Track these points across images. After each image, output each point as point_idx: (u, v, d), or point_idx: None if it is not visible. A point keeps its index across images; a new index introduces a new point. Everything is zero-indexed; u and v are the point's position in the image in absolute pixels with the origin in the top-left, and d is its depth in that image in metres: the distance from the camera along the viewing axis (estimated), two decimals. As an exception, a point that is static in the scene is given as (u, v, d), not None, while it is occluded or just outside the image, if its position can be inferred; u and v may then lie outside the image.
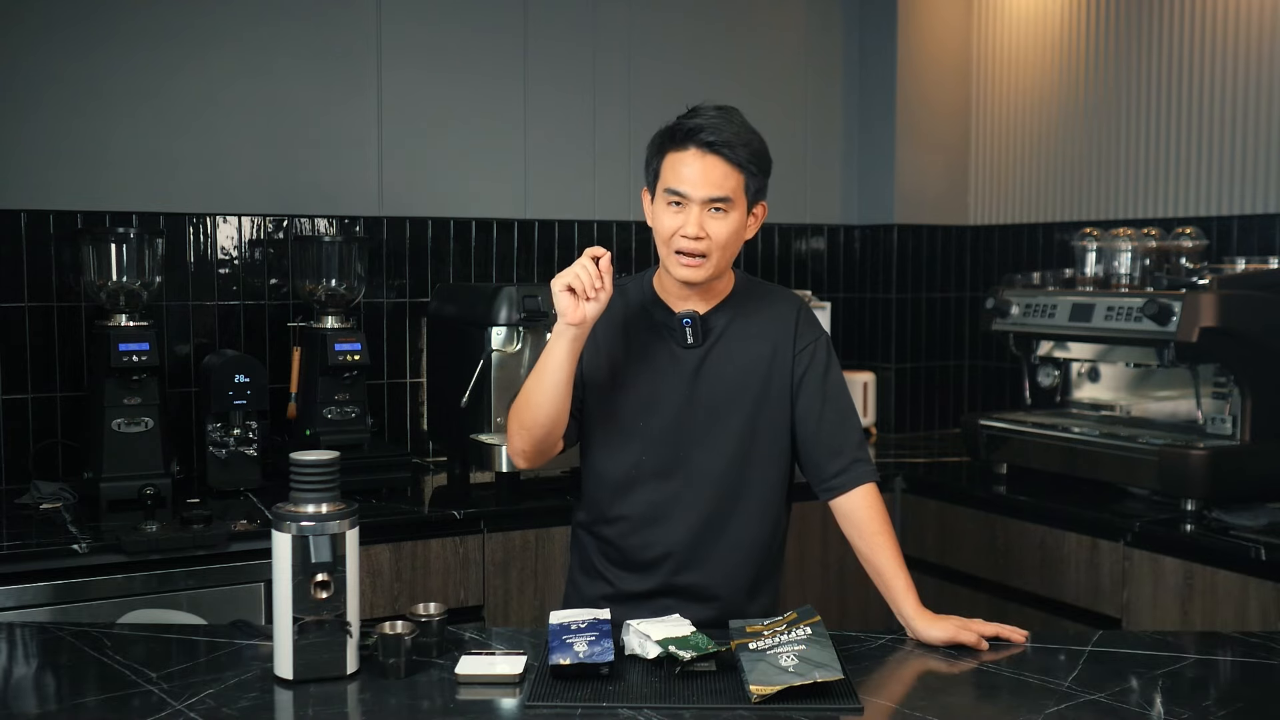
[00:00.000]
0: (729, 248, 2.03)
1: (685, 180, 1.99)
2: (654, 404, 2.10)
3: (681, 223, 2.00)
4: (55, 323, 3.14)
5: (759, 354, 2.12)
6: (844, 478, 2.12)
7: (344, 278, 3.22)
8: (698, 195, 1.98)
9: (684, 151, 2.00)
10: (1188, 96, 3.58)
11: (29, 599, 2.46)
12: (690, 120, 2.01)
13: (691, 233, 1.99)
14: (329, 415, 3.11)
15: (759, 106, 4.14)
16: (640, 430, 2.10)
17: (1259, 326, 2.86)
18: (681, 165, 2.00)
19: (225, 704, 1.66)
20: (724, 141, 1.98)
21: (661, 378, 2.10)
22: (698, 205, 1.99)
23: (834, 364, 2.17)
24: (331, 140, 3.47)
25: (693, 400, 2.09)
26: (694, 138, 1.98)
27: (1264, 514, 2.81)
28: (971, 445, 3.46)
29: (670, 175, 2.02)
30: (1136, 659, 1.90)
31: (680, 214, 2.01)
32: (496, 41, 3.69)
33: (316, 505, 1.75)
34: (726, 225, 2.00)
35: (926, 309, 4.26)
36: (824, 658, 1.73)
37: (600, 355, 2.11)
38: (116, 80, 3.21)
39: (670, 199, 2.01)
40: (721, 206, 2.00)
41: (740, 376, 2.10)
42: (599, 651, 1.76)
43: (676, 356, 2.10)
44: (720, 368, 2.10)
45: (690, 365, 2.09)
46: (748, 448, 2.11)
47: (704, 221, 1.99)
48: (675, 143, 2.02)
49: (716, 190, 1.98)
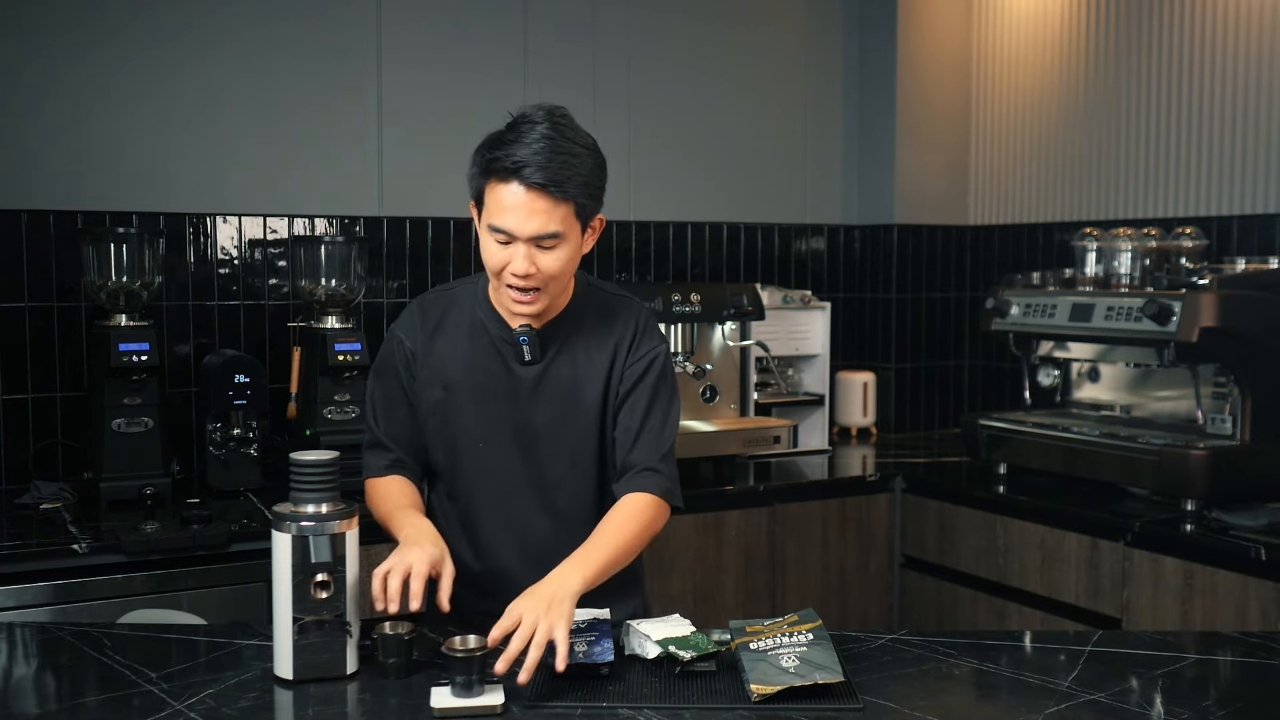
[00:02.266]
0: (563, 276, 1.93)
1: (509, 219, 1.85)
2: (493, 424, 2.02)
3: (509, 258, 1.87)
4: (55, 323, 3.14)
5: (599, 367, 2.02)
6: (630, 483, 2.00)
7: (344, 278, 3.22)
8: (523, 234, 1.85)
9: (505, 185, 1.84)
10: (1188, 96, 3.58)
11: (29, 599, 2.46)
12: (512, 153, 1.83)
13: (520, 270, 1.87)
14: (329, 415, 3.11)
15: (759, 106, 4.18)
16: (480, 453, 2.03)
17: (1259, 326, 2.86)
18: (505, 200, 1.84)
19: (225, 704, 1.66)
20: (550, 180, 1.82)
21: (499, 396, 2.01)
22: (524, 243, 1.86)
23: (665, 379, 2.05)
24: (331, 140, 3.47)
25: (532, 418, 2.01)
26: (517, 174, 1.83)
27: (1264, 514, 2.81)
28: (971, 445, 3.46)
29: (494, 209, 1.86)
30: (1136, 659, 1.90)
31: (507, 250, 1.87)
32: (496, 41, 3.69)
33: (316, 505, 1.75)
34: (558, 258, 1.88)
35: (926, 309, 4.26)
36: (825, 659, 1.73)
37: (434, 373, 2.04)
38: (117, 80, 3.21)
39: (496, 236, 1.87)
40: (550, 243, 1.87)
41: (580, 392, 2.02)
42: (599, 651, 1.76)
43: (514, 374, 2.01)
44: (559, 384, 2.01)
45: (529, 383, 2.01)
46: (595, 464, 2.04)
47: (533, 257, 1.87)
48: (494, 175, 1.85)
49: (543, 229, 1.85)
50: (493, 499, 2.04)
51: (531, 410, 2.01)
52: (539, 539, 2.04)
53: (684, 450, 3.36)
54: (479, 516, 2.06)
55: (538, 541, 2.04)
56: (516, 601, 1.75)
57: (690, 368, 3.51)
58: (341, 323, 3.18)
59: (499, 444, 2.02)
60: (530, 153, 1.82)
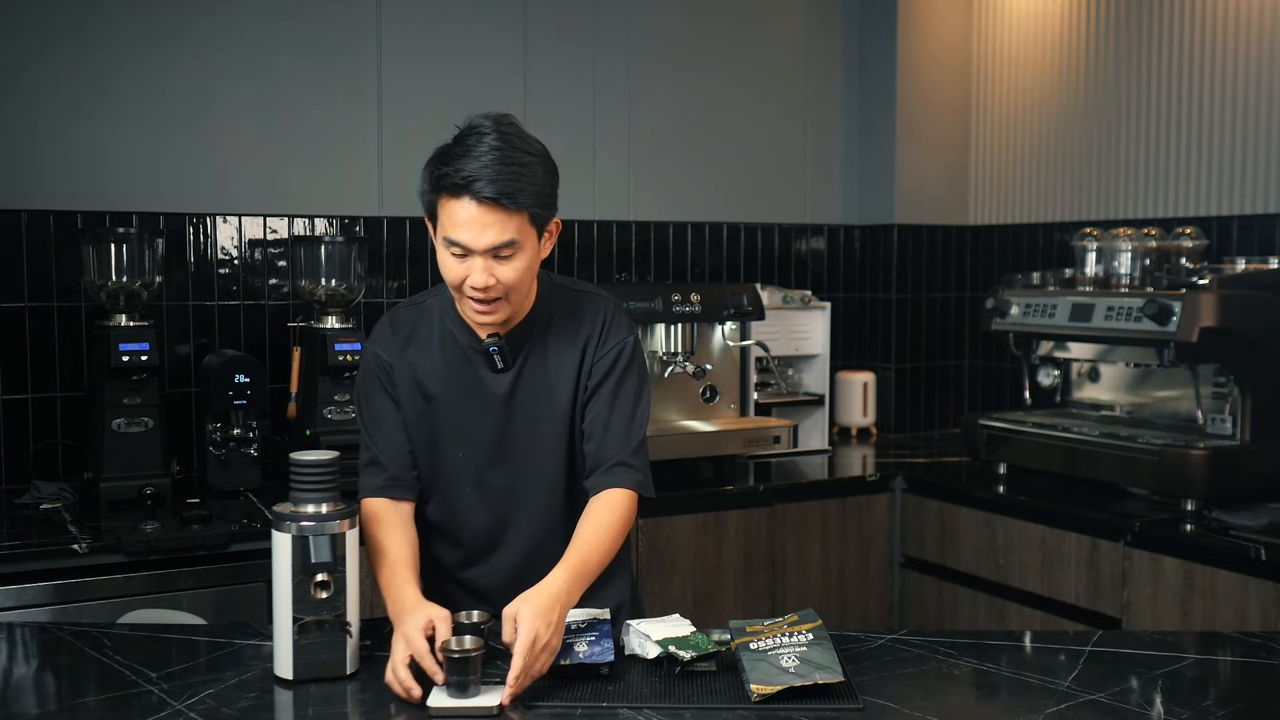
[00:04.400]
0: (522, 284, 1.92)
1: (463, 234, 1.84)
2: (468, 433, 2.02)
3: (466, 271, 1.87)
4: (55, 323, 3.14)
5: (570, 365, 2.02)
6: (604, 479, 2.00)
7: (344, 278, 3.22)
8: (479, 247, 1.84)
9: (456, 201, 1.83)
10: (1188, 96, 3.58)
11: (29, 599, 2.46)
12: (461, 167, 1.82)
13: (478, 283, 1.86)
14: (329, 415, 3.11)
15: (759, 106, 4.18)
16: (460, 462, 2.03)
17: (1259, 326, 2.86)
18: (457, 215, 1.84)
19: (225, 704, 1.66)
20: (501, 192, 1.82)
21: (473, 406, 2.01)
22: (481, 255, 1.85)
23: (633, 369, 2.05)
24: (331, 140, 3.47)
25: (509, 425, 2.01)
26: (468, 189, 1.82)
27: (1264, 514, 2.81)
28: (971, 445, 3.46)
29: (447, 224, 1.85)
30: (1136, 659, 1.90)
31: (464, 263, 1.87)
32: (496, 41, 3.69)
33: (316, 505, 1.75)
34: (516, 267, 1.88)
35: (926, 309, 4.26)
36: (826, 660, 1.73)
37: (409, 386, 2.03)
38: (117, 80, 3.21)
39: (452, 249, 1.86)
40: (507, 253, 1.86)
41: (553, 393, 2.02)
42: (599, 651, 1.76)
43: (486, 382, 2.01)
44: (532, 387, 2.01)
45: (502, 390, 2.00)
46: (568, 465, 2.05)
47: (491, 269, 1.86)
48: (445, 190, 1.84)
49: (498, 239, 1.84)
50: (473, 504, 2.05)
51: (507, 416, 2.02)
52: (520, 541, 2.05)
53: (684, 450, 3.38)
54: (461, 521, 2.07)
55: (519, 543, 2.05)
56: (519, 610, 1.73)
57: (690, 368, 3.51)
58: (341, 323, 3.18)
59: (476, 451, 2.03)
60: (479, 166, 1.82)
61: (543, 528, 2.05)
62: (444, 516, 2.08)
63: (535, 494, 2.04)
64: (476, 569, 2.08)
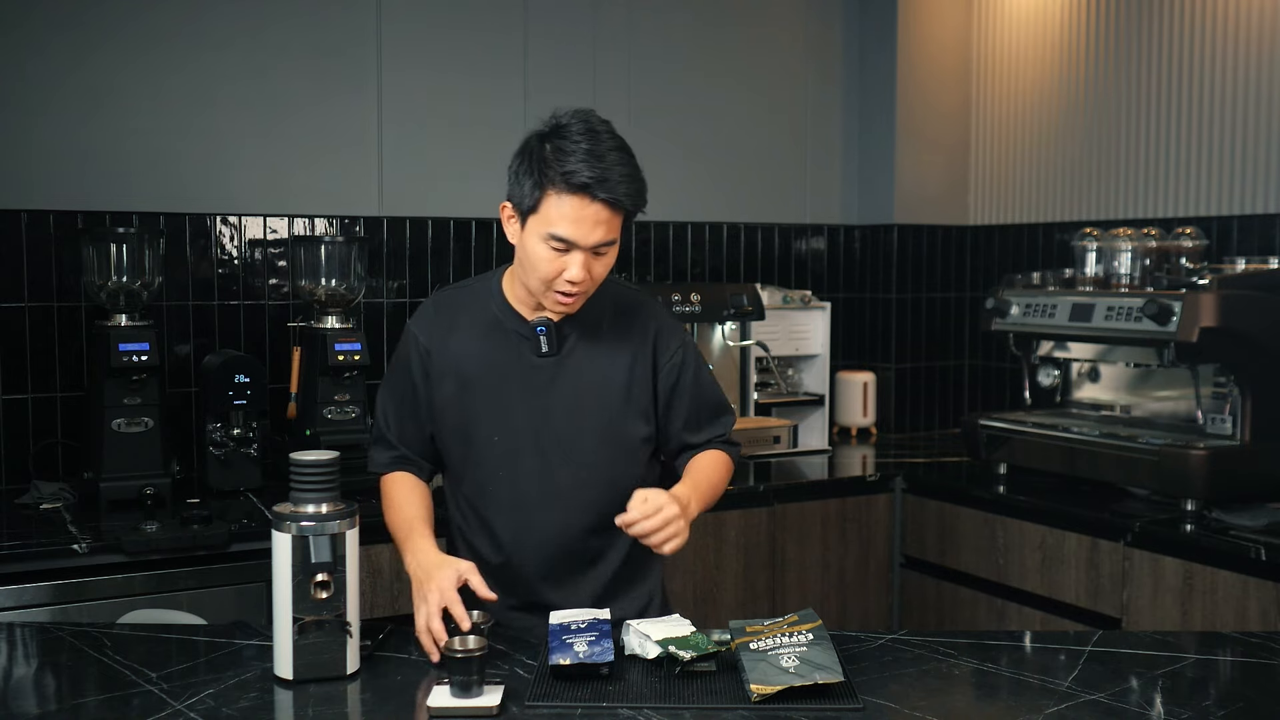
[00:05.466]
0: (602, 278, 1.98)
1: (572, 230, 1.88)
2: (508, 417, 2.03)
3: (564, 266, 1.90)
4: (55, 323, 3.14)
5: (617, 362, 2.05)
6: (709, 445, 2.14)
7: (344, 278, 3.22)
8: (586, 244, 1.89)
9: (570, 198, 1.87)
10: (1188, 96, 3.58)
11: (29, 599, 2.46)
12: (575, 169, 1.86)
13: (577, 278, 1.90)
14: (329, 415, 3.11)
15: (759, 106, 4.18)
16: (495, 445, 2.03)
17: (1259, 326, 2.86)
18: (567, 213, 1.87)
19: (225, 704, 1.66)
20: (618, 194, 1.87)
21: (515, 389, 2.03)
22: (583, 251, 1.90)
23: (700, 364, 2.14)
24: (331, 140, 3.47)
25: (549, 411, 2.02)
26: (585, 191, 1.86)
27: (1264, 514, 2.81)
28: (971, 445, 3.46)
29: (555, 219, 1.88)
30: (1136, 659, 1.90)
31: (564, 257, 1.90)
32: (496, 41, 3.69)
33: (316, 505, 1.75)
34: (607, 262, 1.95)
35: (926, 309, 4.26)
36: (826, 660, 1.73)
37: (449, 369, 2.05)
38: (117, 80, 3.21)
39: (553, 243, 1.89)
40: (605, 250, 1.92)
41: (598, 386, 2.04)
42: (599, 651, 1.76)
43: (531, 366, 2.02)
44: (576, 377, 2.03)
45: (545, 375, 2.02)
46: (607, 459, 2.05)
47: (589, 265, 1.91)
48: (558, 187, 1.88)
49: (605, 237, 1.90)
50: (509, 491, 2.05)
51: (548, 403, 2.03)
52: (555, 530, 2.05)
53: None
54: (495, 509, 2.06)
55: (554, 532, 2.05)
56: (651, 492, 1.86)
57: (690, 368, 3.51)
58: (341, 323, 3.18)
59: (515, 437, 2.03)
60: (604, 167, 1.87)
61: (577, 519, 2.05)
62: (476, 502, 2.08)
63: (571, 485, 2.04)
64: (506, 558, 2.07)
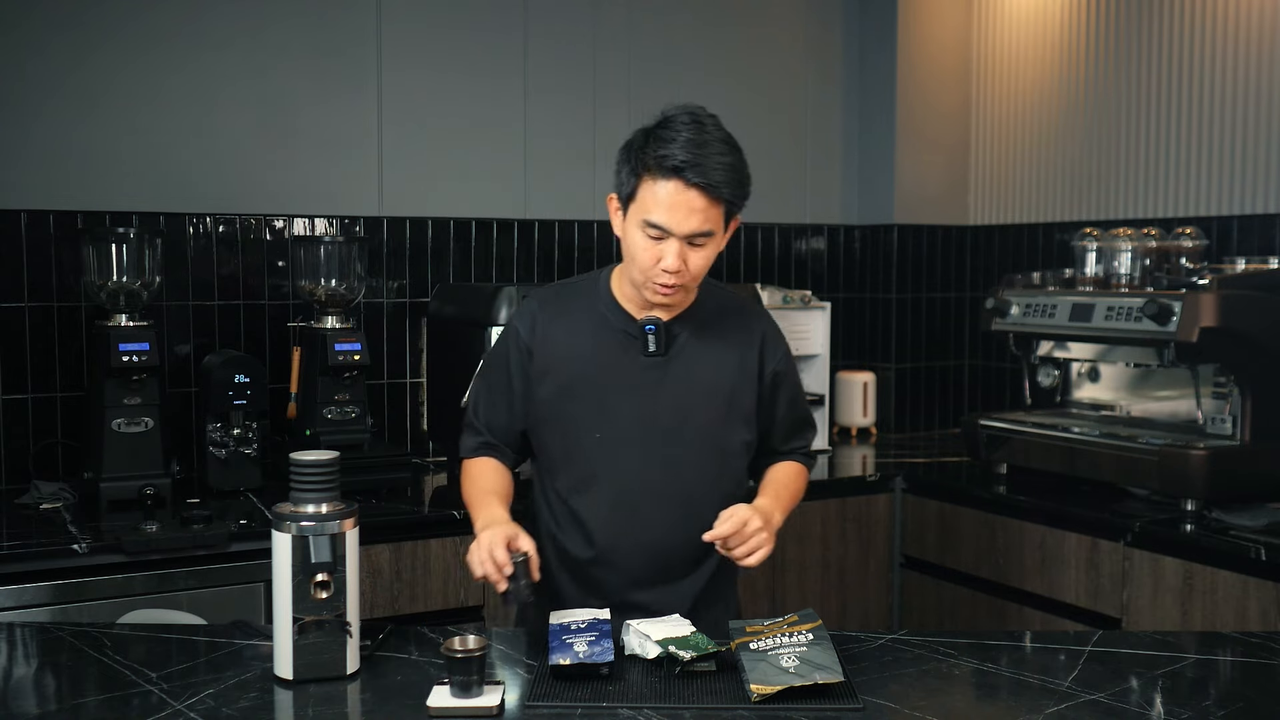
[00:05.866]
0: (704, 272, 1.99)
1: (666, 216, 1.90)
2: (611, 414, 2.03)
3: (660, 255, 1.92)
4: (55, 323, 3.14)
5: (724, 366, 2.07)
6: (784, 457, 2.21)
7: (344, 278, 3.23)
8: (680, 232, 1.90)
9: (665, 183, 1.89)
10: (1188, 96, 3.58)
11: (29, 599, 2.46)
12: (674, 152, 1.88)
13: (672, 266, 1.92)
14: (329, 415, 3.11)
15: (759, 106, 4.18)
16: (598, 443, 2.03)
17: (1259, 326, 2.86)
18: (662, 198, 1.89)
19: (225, 704, 1.66)
20: (709, 183, 1.88)
21: (619, 387, 2.03)
22: (678, 240, 1.91)
23: (796, 373, 2.22)
24: (331, 140, 3.47)
25: (654, 411, 2.03)
26: (678, 174, 1.88)
27: (1264, 514, 2.81)
28: (971, 445, 3.46)
29: (651, 206, 1.91)
30: (1136, 659, 1.90)
31: (659, 245, 1.92)
32: (496, 41, 3.69)
33: (316, 505, 1.75)
34: (705, 255, 1.95)
35: (926, 309, 4.26)
36: (826, 660, 1.73)
37: (551, 364, 2.05)
38: (117, 80, 3.21)
39: (649, 231, 1.92)
40: (701, 241, 1.93)
41: (704, 388, 2.05)
42: (599, 651, 1.76)
43: (637, 365, 2.03)
44: (683, 378, 2.04)
45: (652, 374, 2.03)
46: (710, 461, 2.06)
47: (685, 255, 1.92)
48: (653, 172, 1.90)
49: (699, 227, 1.90)
50: (609, 489, 2.04)
51: (654, 402, 2.03)
52: (655, 528, 2.05)
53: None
54: (591, 506, 2.05)
55: (653, 531, 2.05)
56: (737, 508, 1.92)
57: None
58: (341, 323, 3.18)
59: (618, 434, 2.03)
60: (695, 153, 1.88)
61: (674, 521, 2.04)
62: (570, 498, 2.07)
63: (670, 485, 2.04)
64: (598, 556, 2.06)
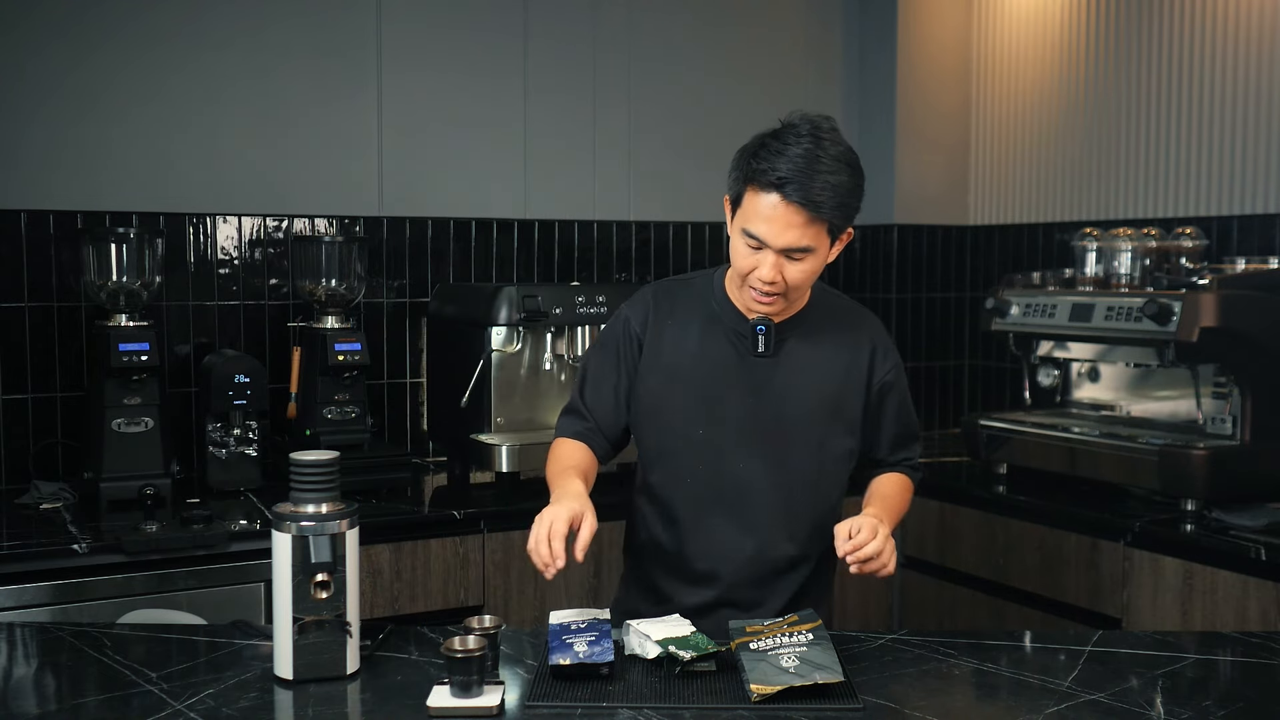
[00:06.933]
0: (805, 285, 1.98)
1: (764, 228, 1.88)
2: (716, 411, 2.03)
3: (756, 264, 1.92)
4: (55, 323, 3.14)
5: (831, 373, 2.05)
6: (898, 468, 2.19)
7: (344, 278, 3.23)
8: (777, 245, 1.89)
9: (766, 196, 1.87)
10: (1188, 96, 3.58)
11: (29, 599, 2.46)
12: (777, 165, 1.86)
13: (767, 277, 1.91)
14: (329, 415, 3.12)
15: (759, 106, 4.15)
16: (699, 439, 2.03)
17: (1259, 326, 2.86)
18: (762, 209, 1.88)
19: (225, 704, 1.66)
20: (808, 199, 1.85)
21: (726, 384, 2.03)
22: (775, 252, 1.90)
23: (907, 387, 2.19)
24: (331, 140, 3.47)
25: (758, 411, 2.02)
26: (780, 188, 1.86)
27: (1264, 514, 2.81)
28: (971, 445, 3.46)
29: (751, 215, 1.90)
30: (1136, 659, 1.90)
31: (757, 255, 1.92)
32: (496, 42, 3.69)
33: (316, 505, 1.75)
34: (804, 270, 1.93)
35: (926, 309, 4.26)
36: (826, 660, 1.73)
37: (659, 358, 2.06)
38: (117, 80, 3.21)
39: (748, 240, 1.91)
40: (799, 256, 1.91)
41: (810, 393, 2.04)
42: (599, 651, 1.76)
43: (745, 364, 2.03)
44: (789, 381, 2.03)
45: (759, 375, 2.03)
46: (808, 463, 2.05)
47: (781, 267, 1.91)
48: (757, 183, 1.88)
49: (796, 243, 1.89)
50: (707, 485, 2.04)
51: (758, 401, 2.02)
52: (750, 526, 2.04)
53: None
54: (687, 502, 2.05)
55: (748, 528, 2.04)
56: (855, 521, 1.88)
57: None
58: (341, 323, 3.19)
59: (720, 432, 2.03)
60: (795, 169, 1.85)
61: (771, 513, 2.04)
62: (665, 493, 2.07)
63: (771, 479, 2.03)
64: (696, 547, 2.05)
